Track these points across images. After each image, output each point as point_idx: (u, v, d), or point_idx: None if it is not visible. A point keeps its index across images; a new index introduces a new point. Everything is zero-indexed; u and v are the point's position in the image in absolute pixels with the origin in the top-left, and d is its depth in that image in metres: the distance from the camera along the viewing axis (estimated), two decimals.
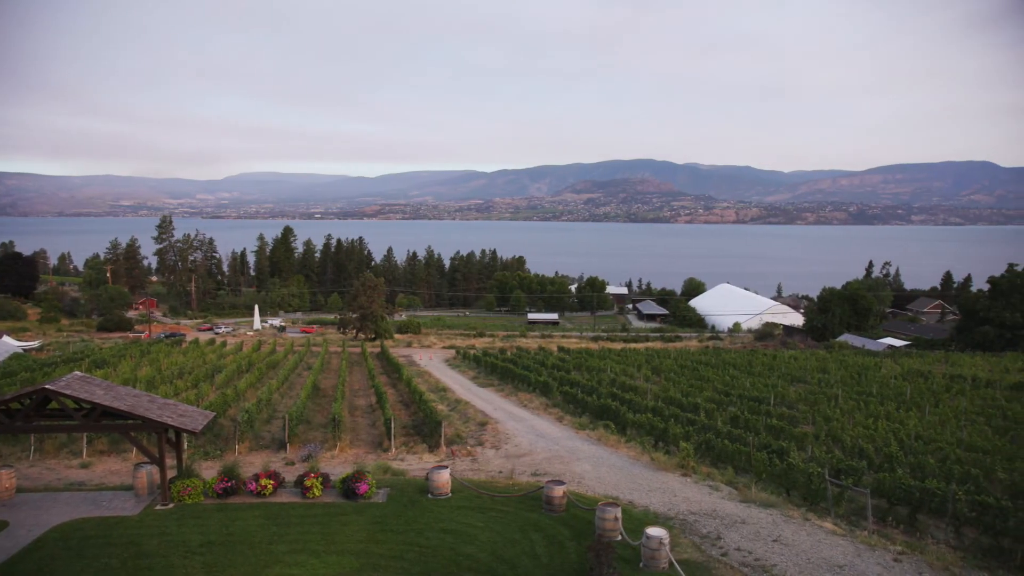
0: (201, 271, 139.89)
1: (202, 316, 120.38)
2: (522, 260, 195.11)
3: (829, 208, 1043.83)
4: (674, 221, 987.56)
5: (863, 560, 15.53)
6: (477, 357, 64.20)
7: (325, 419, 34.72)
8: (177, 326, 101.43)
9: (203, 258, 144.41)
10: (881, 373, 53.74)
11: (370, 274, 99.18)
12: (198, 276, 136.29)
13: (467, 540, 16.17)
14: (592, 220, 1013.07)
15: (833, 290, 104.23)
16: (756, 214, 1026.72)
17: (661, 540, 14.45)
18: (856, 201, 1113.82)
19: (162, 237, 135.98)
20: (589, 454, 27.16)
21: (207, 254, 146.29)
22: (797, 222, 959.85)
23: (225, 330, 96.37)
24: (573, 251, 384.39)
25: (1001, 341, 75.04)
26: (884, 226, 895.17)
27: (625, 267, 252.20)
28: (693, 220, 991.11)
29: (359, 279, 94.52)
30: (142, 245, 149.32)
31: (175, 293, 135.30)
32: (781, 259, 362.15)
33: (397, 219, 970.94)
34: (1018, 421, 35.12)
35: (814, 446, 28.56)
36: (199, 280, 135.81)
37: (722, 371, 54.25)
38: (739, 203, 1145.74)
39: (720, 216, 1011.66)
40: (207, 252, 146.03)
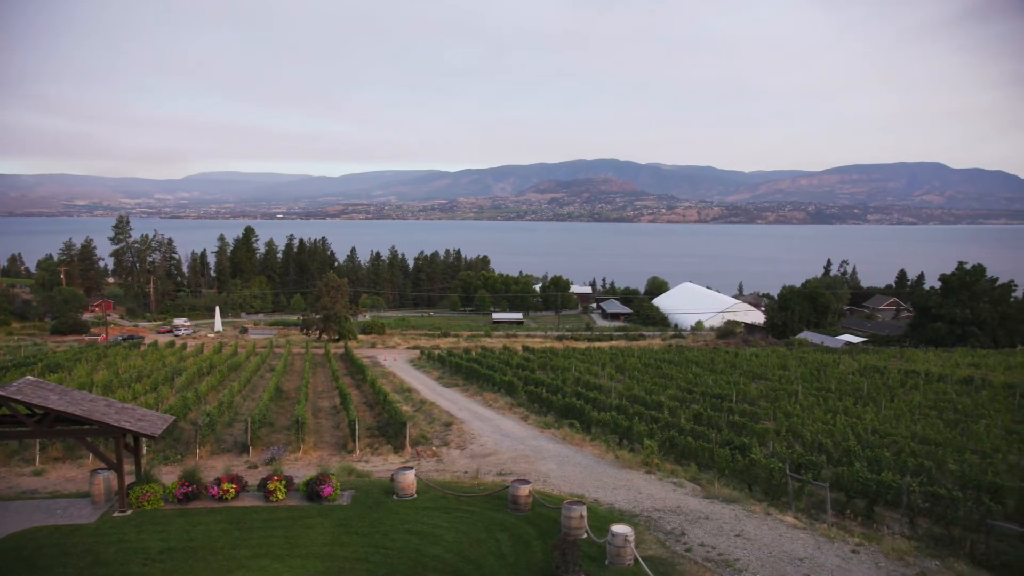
0: (160, 272, 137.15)
1: (162, 318, 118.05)
2: (486, 260, 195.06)
3: (788, 208, 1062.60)
4: (637, 221, 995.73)
5: (822, 552, 15.84)
6: (442, 357, 64.03)
7: (288, 421, 34.29)
8: (135, 328, 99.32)
9: (162, 259, 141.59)
10: (839, 369, 54.87)
11: (333, 275, 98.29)
12: (157, 277, 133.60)
13: (433, 541, 16.11)
14: (556, 220, 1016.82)
15: (793, 288, 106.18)
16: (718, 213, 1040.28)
17: (626, 537, 14.55)
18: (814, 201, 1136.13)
19: (119, 238, 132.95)
20: (554, 453, 27.24)
21: (166, 255, 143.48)
22: (758, 221, 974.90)
23: (185, 332, 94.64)
24: (537, 251, 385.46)
25: (952, 337, 77.17)
26: (841, 225, 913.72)
27: (589, 266, 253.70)
28: (656, 220, 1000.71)
29: (322, 280, 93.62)
30: (98, 246, 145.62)
31: (133, 295, 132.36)
32: (742, 258, 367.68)
33: (360, 219, 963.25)
34: (967, 414, 36.18)
35: (775, 442, 29.05)
36: (158, 281, 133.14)
37: (685, 369, 54.88)
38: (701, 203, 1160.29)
39: (682, 216, 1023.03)
40: (166, 253, 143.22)
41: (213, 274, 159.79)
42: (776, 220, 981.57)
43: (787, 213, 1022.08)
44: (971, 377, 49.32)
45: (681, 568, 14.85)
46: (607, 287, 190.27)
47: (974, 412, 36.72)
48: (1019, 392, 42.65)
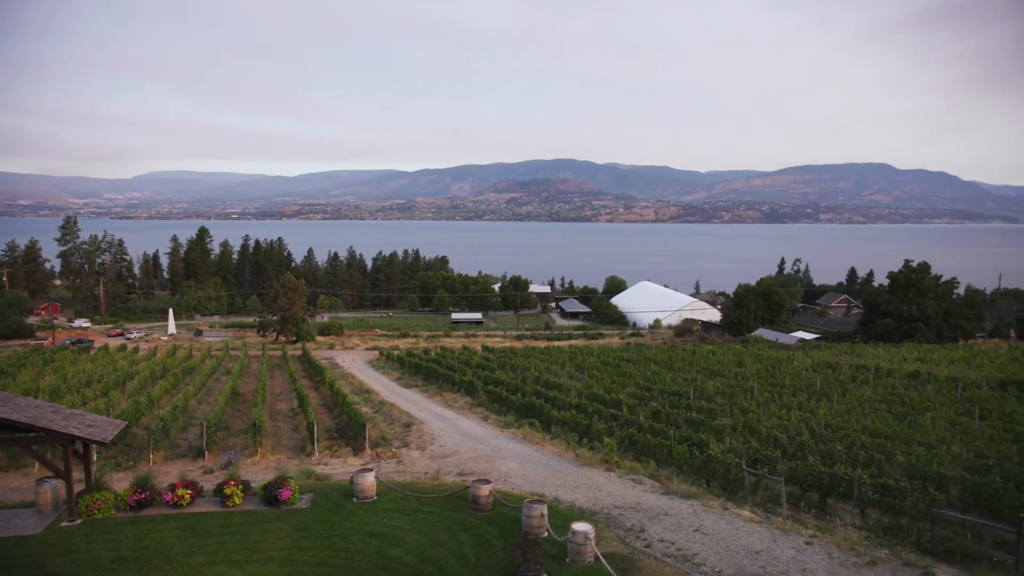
0: (110, 274, 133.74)
1: (112, 321, 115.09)
2: (445, 260, 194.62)
3: (743, 207, 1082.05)
4: (595, 220, 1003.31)
5: (778, 545, 16.17)
6: (401, 358, 63.66)
7: (245, 425, 33.76)
8: (84, 332, 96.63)
9: (112, 260, 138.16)
10: (793, 365, 55.98)
11: (290, 275, 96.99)
12: (107, 279, 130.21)
13: (393, 542, 16.02)
14: (515, 219, 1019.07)
15: (748, 286, 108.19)
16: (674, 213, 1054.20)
17: (587, 535, 14.66)
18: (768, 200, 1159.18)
19: (66, 238, 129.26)
20: (515, 452, 27.31)
21: (116, 256, 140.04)
22: (713, 220, 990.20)
23: (137, 335, 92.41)
24: (496, 250, 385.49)
25: (899, 332, 79.35)
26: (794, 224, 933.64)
27: (548, 266, 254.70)
28: (614, 219, 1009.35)
29: (279, 281, 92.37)
30: (44, 247, 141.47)
31: (82, 297, 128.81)
32: (699, 257, 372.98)
33: (318, 219, 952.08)
34: (914, 407, 37.26)
35: (732, 437, 29.53)
36: (108, 283, 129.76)
37: (644, 367, 55.43)
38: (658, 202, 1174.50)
39: (640, 215, 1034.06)
40: (116, 254, 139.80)
41: (166, 276, 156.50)
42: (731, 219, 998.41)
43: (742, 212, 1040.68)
44: (917, 371, 50.79)
45: (641, 564, 15.02)
46: (566, 286, 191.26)
47: (920, 405, 37.83)
48: (962, 385, 44.08)
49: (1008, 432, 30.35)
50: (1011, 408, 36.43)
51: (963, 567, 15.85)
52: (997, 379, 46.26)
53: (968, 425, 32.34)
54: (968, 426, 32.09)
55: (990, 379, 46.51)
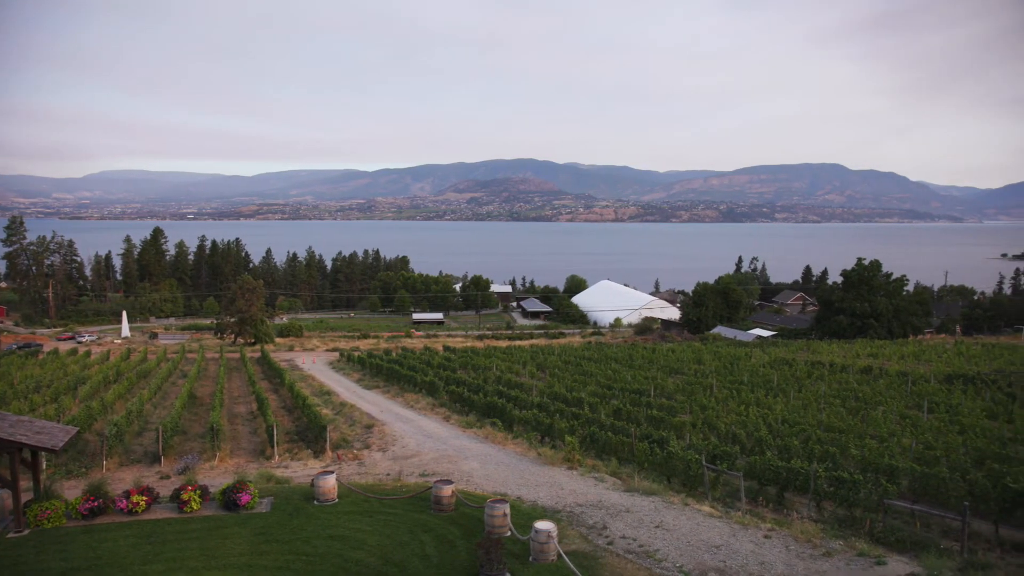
0: (60, 276, 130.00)
1: (62, 324, 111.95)
2: (406, 260, 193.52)
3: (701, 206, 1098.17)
4: (555, 220, 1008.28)
5: (737, 539, 16.46)
6: (362, 359, 63.18)
7: (203, 429, 33.17)
8: (32, 336, 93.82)
9: (62, 262, 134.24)
10: (751, 362, 56.95)
11: (248, 276, 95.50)
12: (56, 281, 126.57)
13: (355, 545, 15.90)
14: (475, 219, 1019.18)
15: (706, 285, 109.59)
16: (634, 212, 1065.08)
17: (549, 533, 14.74)
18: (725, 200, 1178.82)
19: (12, 239, 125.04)
20: (477, 452, 27.31)
21: (66, 257, 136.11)
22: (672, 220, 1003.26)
23: (89, 339, 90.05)
24: (457, 250, 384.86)
25: (853, 329, 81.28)
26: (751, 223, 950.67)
27: (509, 266, 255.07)
28: (574, 218, 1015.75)
29: (236, 282, 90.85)
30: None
31: (29, 300, 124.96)
32: (658, 255, 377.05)
33: (276, 219, 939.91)
34: (867, 401, 38.25)
35: (692, 434, 29.95)
36: (57, 286, 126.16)
37: (605, 365, 55.86)
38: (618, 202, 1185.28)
39: (600, 215, 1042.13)
40: (66, 255, 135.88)
41: (119, 277, 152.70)
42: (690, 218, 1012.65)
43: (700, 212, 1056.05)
44: (870, 367, 52.12)
45: (603, 561, 15.15)
46: (527, 286, 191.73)
47: (873, 399, 38.84)
48: (911, 380, 45.38)
49: (954, 424, 31.38)
50: (957, 401, 37.66)
51: (912, 555, 16.31)
52: (944, 373, 47.77)
53: (917, 418, 33.33)
54: (917, 419, 33.07)
55: (938, 373, 47.99)
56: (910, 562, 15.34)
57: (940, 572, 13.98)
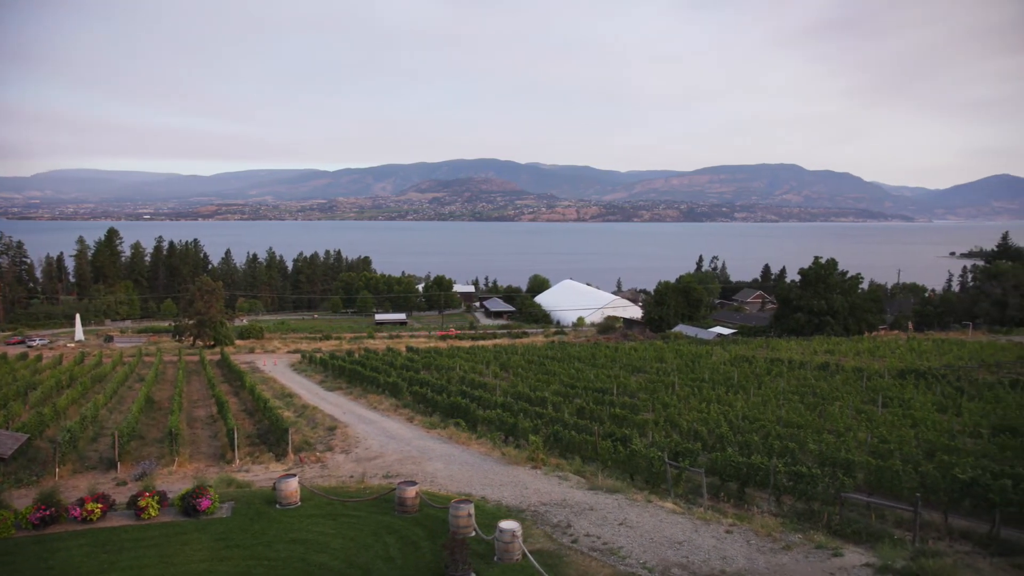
0: (8, 278, 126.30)
1: (11, 328, 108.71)
2: (368, 260, 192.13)
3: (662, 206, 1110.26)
4: (518, 219, 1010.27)
5: (700, 535, 16.70)
6: (324, 360, 62.55)
7: (161, 433, 32.55)
8: None
9: (10, 263, 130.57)
10: (712, 360, 57.73)
11: (207, 278, 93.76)
12: (4, 284, 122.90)
13: (319, 549, 15.76)
14: (437, 219, 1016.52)
15: (668, 283, 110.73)
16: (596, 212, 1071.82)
17: (514, 532, 14.79)
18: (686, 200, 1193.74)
19: None
20: (441, 453, 27.26)
21: (15, 259, 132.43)
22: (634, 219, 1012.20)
23: (40, 343, 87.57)
24: (419, 250, 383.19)
25: (810, 326, 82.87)
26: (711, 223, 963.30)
27: (472, 265, 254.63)
28: (536, 218, 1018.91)
29: (195, 283, 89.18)
30: None
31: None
32: (620, 255, 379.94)
33: (235, 219, 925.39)
34: (824, 397, 39.06)
35: (654, 432, 30.27)
36: (6, 288, 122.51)
37: (568, 365, 56.12)
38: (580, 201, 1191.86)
39: (562, 214, 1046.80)
40: (15, 257, 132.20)
41: (72, 280, 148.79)
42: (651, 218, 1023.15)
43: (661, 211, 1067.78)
44: (827, 363, 53.23)
45: (568, 559, 15.25)
46: (490, 286, 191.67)
47: (830, 395, 39.67)
48: (866, 375, 46.47)
49: (907, 418, 32.22)
50: (909, 395, 38.69)
51: (868, 546, 16.74)
52: (897, 369, 49.03)
53: (872, 413, 34.14)
54: (872, 413, 33.88)
55: (891, 369, 49.23)
56: (865, 553, 15.73)
57: (893, 562, 14.36)
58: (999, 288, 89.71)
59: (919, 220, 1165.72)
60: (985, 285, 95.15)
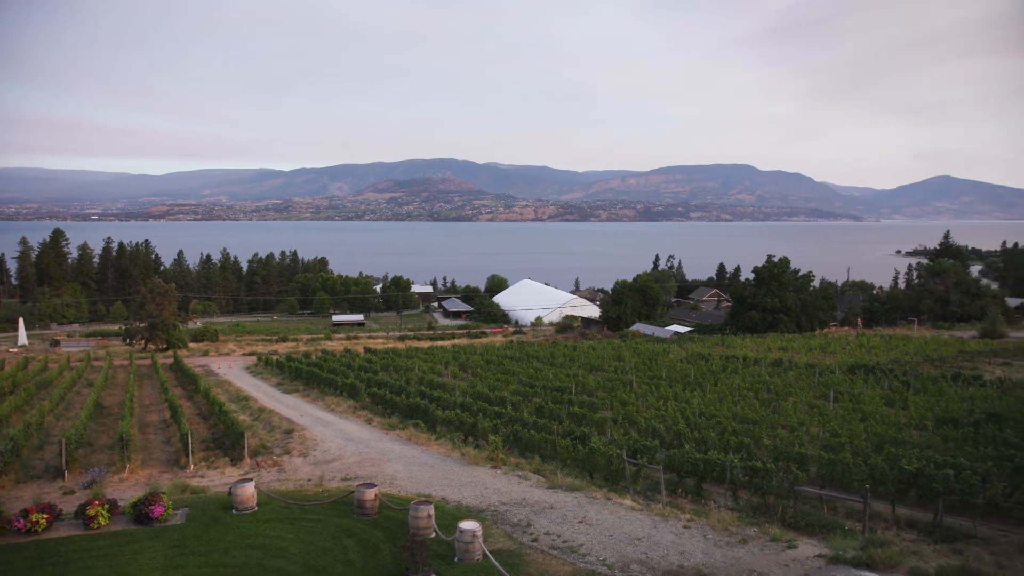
0: None
1: None
2: (324, 261, 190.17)
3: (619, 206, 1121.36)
4: (476, 219, 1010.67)
5: (658, 530, 16.91)
6: (280, 363, 61.66)
7: (111, 440, 31.71)
8: None
9: None
10: (669, 358, 58.44)
11: (159, 279, 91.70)
12: None
13: (276, 554, 15.54)
14: (395, 219, 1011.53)
15: (625, 282, 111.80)
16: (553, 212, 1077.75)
17: (474, 533, 14.79)
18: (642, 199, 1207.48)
19: None
20: (400, 454, 27.11)
21: None
22: (591, 219, 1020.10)
23: None
24: (377, 251, 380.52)
25: (764, 323, 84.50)
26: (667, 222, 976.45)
27: (430, 266, 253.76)
28: (494, 218, 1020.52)
29: (146, 285, 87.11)
30: None
31: None
32: (578, 254, 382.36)
33: (188, 220, 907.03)
34: (778, 393, 39.90)
35: (613, 430, 30.54)
36: None
37: (526, 364, 56.30)
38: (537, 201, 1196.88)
39: (520, 214, 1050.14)
40: None
41: (15, 282, 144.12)
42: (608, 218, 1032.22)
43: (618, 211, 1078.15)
44: (780, 360, 54.35)
45: (528, 558, 15.30)
46: (448, 286, 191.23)
47: (783, 391, 40.54)
48: (818, 371, 47.60)
49: (857, 412, 33.11)
50: (859, 390, 39.76)
51: (820, 538, 17.16)
52: (848, 364, 50.33)
53: (824, 407, 34.99)
54: (824, 408, 34.73)
55: (842, 364, 50.52)
56: (818, 544, 16.11)
57: (844, 552, 14.74)
58: (942, 285, 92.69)
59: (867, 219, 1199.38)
60: (928, 282, 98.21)
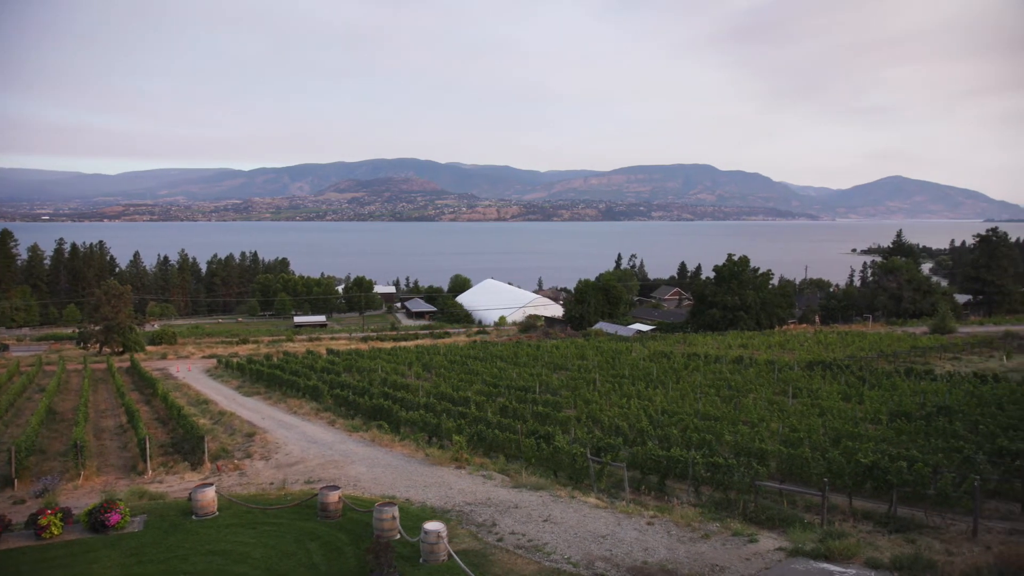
0: None
1: None
2: (286, 262, 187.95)
3: (582, 205, 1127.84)
4: (439, 219, 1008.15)
5: (622, 528, 17.05)
6: (241, 365, 60.71)
7: (65, 446, 30.93)
8: None
9: None
10: (632, 356, 58.92)
11: (114, 281, 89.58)
12: None
13: (238, 559, 15.30)
14: (357, 219, 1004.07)
15: (588, 282, 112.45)
16: (516, 211, 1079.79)
17: (439, 533, 14.75)
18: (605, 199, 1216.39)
19: None
20: (364, 456, 26.91)
21: None
22: (554, 219, 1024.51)
23: None
24: (339, 251, 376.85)
25: (725, 321, 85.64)
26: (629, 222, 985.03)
27: (392, 266, 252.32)
28: (457, 218, 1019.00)
29: (101, 287, 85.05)
30: None
31: None
32: (541, 254, 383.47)
33: (144, 221, 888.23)
34: (739, 390, 40.52)
35: (577, 428, 30.69)
36: None
37: (490, 364, 56.28)
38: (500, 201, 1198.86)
39: (483, 214, 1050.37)
40: None
41: None
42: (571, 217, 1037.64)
43: (580, 211, 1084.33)
44: (741, 357, 55.20)
45: (493, 558, 15.31)
46: (411, 286, 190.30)
47: (744, 387, 41.18)
48: (778, 367, 48.45)
49: (815, 407, 33.78)
50: (817, 385, 40.58)
51: (781, 531, 17.48)
52: (806, 360, 51.31)
53: (783, 403, 35.65)
54: (783, 404, 35.37)
55: (800, 361, 51.48)
56: (779, 537, 16.41)
57: (803, 544, 15.05)
58: (895, 283, 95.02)
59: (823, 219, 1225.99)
60: (882, 280, 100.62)
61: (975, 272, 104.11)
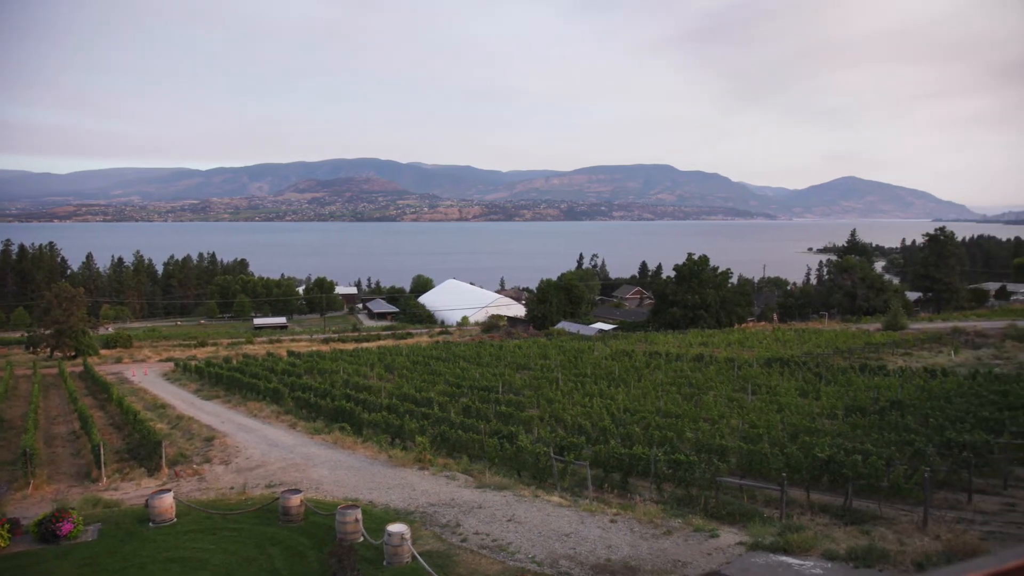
0: None
1: None
2: (245, 263, 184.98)
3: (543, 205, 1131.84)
4: (400, 219, 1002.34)
5: (586, 526, 17.17)
6: (200, 368, 59.60)
7: (13, 455, 30.04)
8: None
9: None
10: (594, 355, 59.25)
11: (66, 284, 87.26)
12: None
13: (197, 566, 15.05)
14: (318, 220, 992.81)
15: (550, 281, 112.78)
16: (478, 212, 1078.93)
17: (403, 535, 14.70)
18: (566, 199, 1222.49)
19: None
20: (326, 459, 26.66)
21: None
22: (515, 219, 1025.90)
23: None
24: (299, 252, 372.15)
25: (685, 320, 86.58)
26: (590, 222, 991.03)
27: (354, 266, 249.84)
28: (419, 218, 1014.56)
29: (51, 290, 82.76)
30: None
31: None
32: (503, 254, 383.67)
33: (97, 221, 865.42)
34: (699, 387, 41.03)
35: (540, 428, 30.79)
36: None
37: (453, 364, 56.14)
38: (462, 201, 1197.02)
39: (444, 214, 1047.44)
40: None
41: None
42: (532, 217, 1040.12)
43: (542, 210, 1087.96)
44: (702, 355, 55.93)
45: (458, 558, 15.31)
46: (373, 287, 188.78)
47: (704, 385, 41.71)
48: (737, 365, 49.19)
49: (774, 404, 34.39)
50: (775, 382, 41.30)
51: (741, 526, 17.77)
52: (764, 358, 52.18)
53: (743, 400, 36.21)
54: (743, 401, 35.92)
55: (759, 358, 52.34)
56: (739, 532, 16.70)
57: (763, 538, 15.33)
58: (849, 281, 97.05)
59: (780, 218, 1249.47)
60: (837, 278, 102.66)
61: (924, 270, 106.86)
